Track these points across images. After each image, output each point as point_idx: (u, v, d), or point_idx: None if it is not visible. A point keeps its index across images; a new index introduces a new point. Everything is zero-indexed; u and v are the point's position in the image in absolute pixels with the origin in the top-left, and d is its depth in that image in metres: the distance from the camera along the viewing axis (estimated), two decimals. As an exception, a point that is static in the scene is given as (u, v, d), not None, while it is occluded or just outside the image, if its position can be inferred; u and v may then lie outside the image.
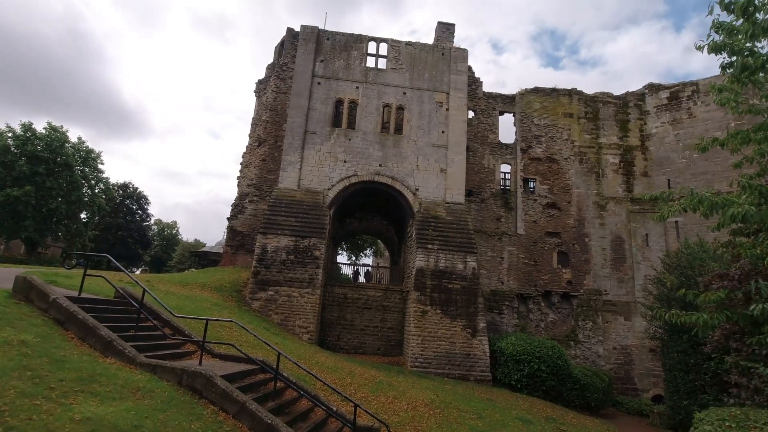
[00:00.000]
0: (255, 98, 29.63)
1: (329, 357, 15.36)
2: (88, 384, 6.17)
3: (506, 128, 30.36)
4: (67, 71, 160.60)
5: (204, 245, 72.18)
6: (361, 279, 31.06)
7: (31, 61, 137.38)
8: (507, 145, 28.87)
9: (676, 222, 26.33)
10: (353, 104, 23.84)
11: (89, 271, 10.12)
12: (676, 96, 27.61)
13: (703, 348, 14.74)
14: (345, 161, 22.68)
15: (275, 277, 19.07)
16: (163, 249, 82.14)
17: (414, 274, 19.77)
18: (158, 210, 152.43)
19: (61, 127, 41.50)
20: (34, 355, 6.37)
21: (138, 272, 60.72)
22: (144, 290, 9.67)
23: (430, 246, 20.17)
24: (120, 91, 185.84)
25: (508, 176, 28.56)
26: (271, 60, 29.51)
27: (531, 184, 28.32)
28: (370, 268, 37.16)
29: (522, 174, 28.17)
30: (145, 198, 67.77)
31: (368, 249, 52.11)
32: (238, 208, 25.71)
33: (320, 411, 9.27)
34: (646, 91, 28.92)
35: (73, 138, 42.21)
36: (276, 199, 21.26)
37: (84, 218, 49.30)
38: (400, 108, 24.03)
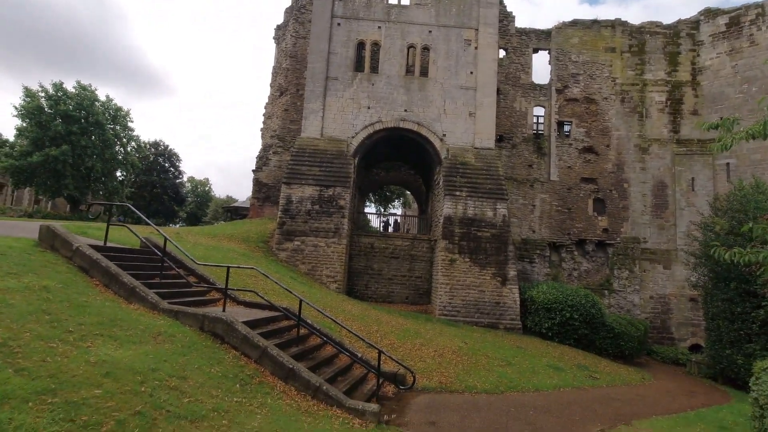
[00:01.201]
0: (275, 45, 28.56)
1: (356, 305, 15.37)
2: (108, 328, 6.12)
3: (540, 68, 28.33)
4: (90, 33, 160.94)
5: (236, 201, 73.78)
6: (391, 231, 30.88)
7: (54, 21, 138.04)
8: (541, 86, 26.94)
9: (727, 164, 24.41)
10: (376, 46, 22.51)
11: (119, 224, 10.11)
12: (737, 21, 24.63)
13: (758, 293, 13.84)
14: (368, 107, 21.75)
15: (301, 228, 18.98)
16: (197, 206, 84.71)
17: (442, 222, 19.23)
18: (191, 169, 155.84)
19: (90, 85, 41.80)
20: (55, 300, 6.35)
21: (174, 228, 62.97)
22: (165, 239, 9.59)
23: (458, 193, 19.43)
24: (144, 53, 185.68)
25: (541, 120, 26.87)
26: (289, 3, 28.07)
27: (566, 128, 26.62)
28: (398, 219, 36.84)
29: (557, 117, 26.43)
30: (177, 155, 68.87)
31: (396, 200, 51.80)
32: (262, 160, 25.50)
33: (345, 357, 9.19)
34: (702, 17, 25.95)
35: (101, 97, 42.68)
36: (299, 149, 20.80)
37: (120, 176, 50.86)
38: (426, 48, 22.53)
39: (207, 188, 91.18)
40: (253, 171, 25.48)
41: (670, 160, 25.44)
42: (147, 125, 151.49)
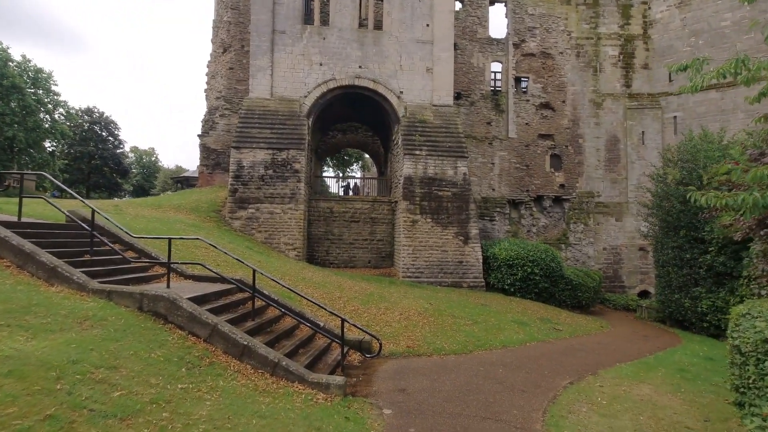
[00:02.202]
0: (214, -4, 25.97)
1: (317, 272, 14.76)
2: (18, 316, 5.16)
3: (497, 21, 27.55)
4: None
5: (187, 171, 69.76)
6: (351, 195, 30.07)
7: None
8: (498, 41, 26.31)
9: (674, 117, 25.13)
10: (325, -5, 20.88)
11: (37, 197, 8.76)
12: (687, -28, 24.73)
13: (705, 239, 14.40)
14: (321, 64, 20.35)
15: (255, 194, 17.85)
16: (144, 177, 79.82)
17: (402, 182, 18.67)
18: (133, 138, 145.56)
19: (0, 43, 37.07)
20: (-52, 287, 5.28)
21: (114, 201, 58.98)
22: (93, 210, 8.42)
23: (417, 152, 18.84)
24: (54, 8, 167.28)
25: (499, 76, 26.42)
26: (226, -53, 25.35)
27: (524, 84, 26.35)
28: (358, 182, 36.00)
29: (514, 72, 26.05)
30: (114, 123, 63.60)
31: (355, 164, 50.71)
32: (208, 123, 23.65)
33: (306, 328, 8.62)
34: (654, -31, 25.87)
35: (15, 57, 37.98)
36: (248, 110, 19.30)
37: (50, 147, 46.43)
38: (379, -2, 21.16)
39: (153, 158, 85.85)
40: (198, 136, 23.63)
41: (622, 115, 25.89)
42: (75, 93, 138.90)
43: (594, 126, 26.02)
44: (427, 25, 21.13)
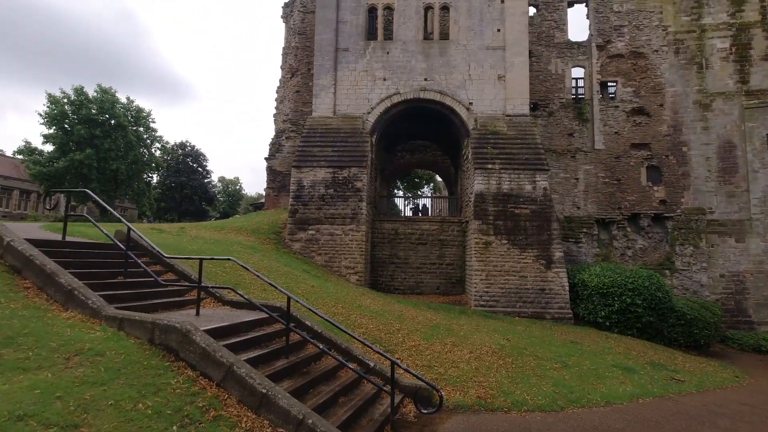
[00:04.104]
0: (283, 24, 26.68)
1: (378, 299, 13.32)
2: (-3, 349, 4.32)
3: (577, 23, 25.17)
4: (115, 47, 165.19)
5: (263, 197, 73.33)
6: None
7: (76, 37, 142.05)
8: (579, 44, 23.80)
9: (810, 115, 20.64)
10: (388, 9, 20.21)
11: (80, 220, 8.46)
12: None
13: None
14: (384, 79, 19.52)
15: (315, 215, 17.08)
16: (229, 205, 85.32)
17: (473, 200, 16.83)
18: (222, 169, 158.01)
19: (111, 88, 41.58)
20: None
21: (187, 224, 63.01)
22: (129, 228, 7.82)
23: (490, 166, 16.96)
24: (169, 64, 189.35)
25: (581, 82, 23.78)
26: (294, -24, 26.05)
27: (611, 89, 23.43)
28: (426, 201, 34.42)
29: (599, 77, 23.26)
30: (204, 155, 68.92)
31: (426, 186, 49.42)
32: (275, 146, 23.80)
33: (353, 366, 7.15)
34: (771, -56, 22.03)
35: (122, 99, 42.41)
36: (310, 129, 18.86)
37: (146, 178, 50.91)
38: (445, 7, 20.01)
39: (238, 187, 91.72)
40: (266, 159, 23.83)
41: (739, 116, 21.84)
42: (176, 131, 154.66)
43: (701, 131, 22.22)
44: (498, 30, 19.52)
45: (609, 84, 23.42)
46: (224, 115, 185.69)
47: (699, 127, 22.25)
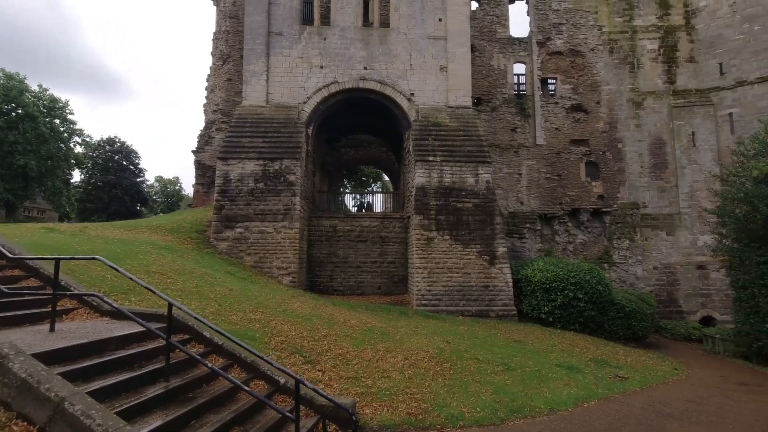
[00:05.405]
0: (214, 7, 24.64)
1: (309, 302, 12.06)
2: None
3: (519, 19, 25.22)
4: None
5: (204, 197, 69.21)
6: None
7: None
8: (520, 40, 23.78)
9: (730, 114, 21.77)
10: (326, -7, 18.99)
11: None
12: (738, -52, 21.83)
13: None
14: (321, 66, 18.26)
15: (243, 211, 15.50)
16: (168, 206, 79.91)
17: (414, 194, 15.99)
18: (161, 169, 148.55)
19: (18, 74, 37.18)
20: None
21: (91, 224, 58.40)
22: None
23: (431, 158, 16.19)
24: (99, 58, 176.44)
25: (522, 78, 23.77)
26: (225, -44, 24.10)
27: (551, 85, 23.60)
28: (371, 198, 33.41)
29: (540, 73, 23.34)
30: (135, 152, 63.75)
31: (374, 184, 48.51)
32: (204, 138, 21.80)
33: (260, 384, 5.90)
34: (695, -50, 23.09)
35: (32, 87, 37.99)
36: (239, 119, 17.24)
37: (64, 176, 46.11)
38: (385, -7, 19.11)
39: (177, 187, 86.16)
40: (193, 152, 21.75)
41: (668, 114, 22.68)
42: (111, 130, 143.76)
43: (635, 128, 22.86)
44: (440, 19, 18.86)
45: (549, 81, 23.57)
46: (164, 110, 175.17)
47: (632, 125, 22.88)
